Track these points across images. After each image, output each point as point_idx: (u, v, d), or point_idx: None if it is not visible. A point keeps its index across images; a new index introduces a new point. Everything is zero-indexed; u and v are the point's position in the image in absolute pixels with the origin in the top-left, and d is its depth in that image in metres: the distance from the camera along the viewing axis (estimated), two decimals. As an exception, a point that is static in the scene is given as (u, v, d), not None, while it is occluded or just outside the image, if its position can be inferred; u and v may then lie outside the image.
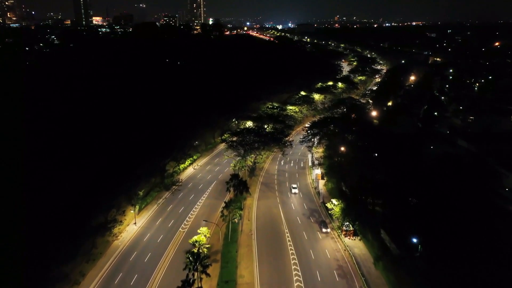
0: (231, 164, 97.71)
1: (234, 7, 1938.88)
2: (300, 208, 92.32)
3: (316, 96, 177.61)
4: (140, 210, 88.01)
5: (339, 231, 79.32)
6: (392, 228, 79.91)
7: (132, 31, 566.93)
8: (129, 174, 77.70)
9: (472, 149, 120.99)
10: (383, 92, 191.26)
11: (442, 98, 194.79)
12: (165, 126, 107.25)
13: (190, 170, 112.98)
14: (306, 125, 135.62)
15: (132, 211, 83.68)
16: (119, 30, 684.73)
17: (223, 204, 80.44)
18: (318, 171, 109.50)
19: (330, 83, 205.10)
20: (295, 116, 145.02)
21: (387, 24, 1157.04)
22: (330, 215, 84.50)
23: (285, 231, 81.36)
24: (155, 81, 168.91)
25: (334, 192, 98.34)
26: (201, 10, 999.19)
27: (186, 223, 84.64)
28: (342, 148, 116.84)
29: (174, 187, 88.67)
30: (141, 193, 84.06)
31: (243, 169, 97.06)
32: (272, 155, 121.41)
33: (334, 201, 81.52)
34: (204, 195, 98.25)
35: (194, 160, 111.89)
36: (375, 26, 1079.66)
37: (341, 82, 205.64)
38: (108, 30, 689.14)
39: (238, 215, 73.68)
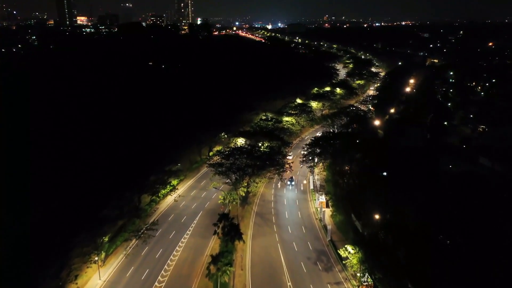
0: (220, 196, 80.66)
1: (222, 7, 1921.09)
2: (304, 249, 76.01)
3: (314, 104, 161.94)
4: (107, 255, 70.70)
5: (357, 286, 63.28)
6: (421, 279, 64.62)
7: (116, 32, 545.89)
8: (88, 220, 60.44)
9: (498, 168, 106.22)
10: (385, 99, 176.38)
11: (449, 104, 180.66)
12: (140, 147, 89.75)
13: (171, 198, 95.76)
14: (306, 143, 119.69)
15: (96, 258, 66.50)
16: (104, 30, 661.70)
17: (208, 253, 63.95)
18: (322, 198, 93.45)
19: (328, 88, 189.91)
20: (292, 129, 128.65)
21: (377, 24, 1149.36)
22: (343, 263, 68.28)
23: (288, 284, 65.09)
24: (133, 88, 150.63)
25: (343, 227, 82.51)
26: (189, 10, 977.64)
27: (165, 273, 67.65)
28: (347, 167, 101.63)
29: (146, 231, 70.27)
30: (106, 238, 66.78)
31: (234, 202, 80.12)
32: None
33: (349, 248, 65.33)
34: (188, 231, 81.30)
35: (174, 187, 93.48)
36: (365, 25, 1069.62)
37: (339, 88, 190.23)
38: (92, 30, 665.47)
39: (228, 272, 56.97)
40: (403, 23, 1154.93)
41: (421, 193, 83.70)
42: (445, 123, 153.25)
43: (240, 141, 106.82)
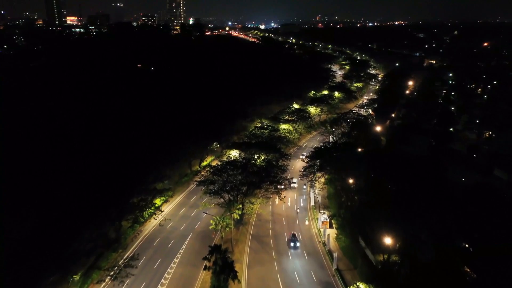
0: (211, 221, 70.97)
1: (215, 6, 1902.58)
2: (308, 281, 66.76)
3: (312, 110, 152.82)
4: (81, 293, 60.95)
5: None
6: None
7: (106, 32, 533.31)
8: (55, 257, 50.68)
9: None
10: (385, 103, 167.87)
11: (452, 108, 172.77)
12: (120, 161, 79.62)
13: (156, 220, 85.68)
14: (304, 152, 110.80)
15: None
16: (94, 30, 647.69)
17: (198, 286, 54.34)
18: (324, 217, 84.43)
19: (325, 92, 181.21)
20: (289, 137, 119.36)
21: (370, 24, 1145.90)
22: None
23: (291, 328, 55.98)
24: (118, 93, 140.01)
25: (351, 253, 73.55)
26: (181, 9, 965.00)
27: (147, 314, 58.35)
28: (351, 181, 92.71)
29: (124, 268, 59.87)
30: (76, 277, 56.98)
31: (227, 228, 70.38)
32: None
33: (361, 286, 56.21)
34: (175, 259, 71.71)
35: (159, 208, 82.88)
36: (358, 25, 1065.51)
37: (337, 91, 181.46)
38: (82, 30, 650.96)
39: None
40: (396, 23, 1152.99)
41: (435, 212, 75.39)
42: (451, 129, 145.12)
43: (234, 153, 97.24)
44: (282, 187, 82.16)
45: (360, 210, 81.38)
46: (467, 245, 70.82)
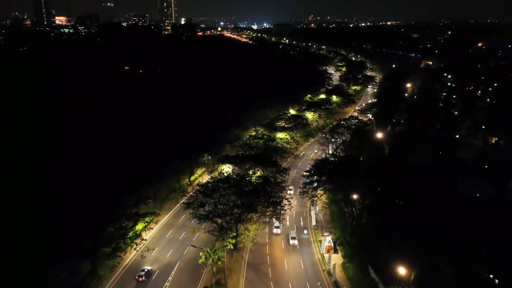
0: (201, 254, 61.51)
1: (207, 6, 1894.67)
2: (312, 321, 58.04)
3: (309, 116, 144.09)
4: None
5: None
6: None
7: (95, 32, 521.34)
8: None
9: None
10: (385, 107, 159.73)
11: (456, 113, 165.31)
12: (96, 181, 69.78)
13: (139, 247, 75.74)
14: (302, 162, 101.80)
15: None
16: (83, 31, 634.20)
17: None
18: (328, 240, 75.67)
19: (323, 96, 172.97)
20: (287, 148, 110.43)
21: (362, 24, 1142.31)
22: None
23: None
24: (101, 100, 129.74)
25: (360, 285, 64.81)
26: (172, 9, 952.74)
27: None
28: (355, 196, 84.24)
29: None
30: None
31: (219, 262, 60.92)
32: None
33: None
34: (159, 296, 62.70)
35: (139, 235, 72.58)
36: (351, 26, 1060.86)
37: (335, 95, 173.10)
38: (71, 30, 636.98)
39: None
40: (389, 23, 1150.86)
41: (452, 235, 67.25)
42: (457, 136, 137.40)
43: (226, 169, 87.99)
44: (281, 208, 72.82)
45: (367, 234, 72.87)
46: (491, 276, 62.55)
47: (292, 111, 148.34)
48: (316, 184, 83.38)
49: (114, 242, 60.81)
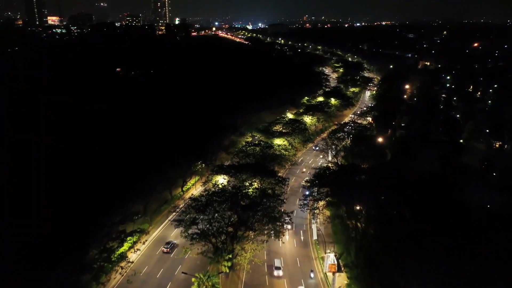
0: (193, 280, 55.47)
1: (201, 6, 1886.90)
2: None
3: (308, 120, 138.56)
4: None
5: None
6: None
7: (88, 33, 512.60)
8: None
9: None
10: (385, 111, 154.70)
11: (458, 116, 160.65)
12: (76, 196, 63.56)
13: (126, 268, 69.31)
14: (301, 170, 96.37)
15: None
16: (76, 31, 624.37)
17: None
18: (331, 257, 70.00)
19: (321, 98, 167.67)
20: (285, 155, 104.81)
21: (357, 24, 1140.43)
22: None
23: None
24: (89, 104, 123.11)
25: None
26: (166, 9, 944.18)
27: None
28: (358, 207, 79.04)
29: None
30: None
31: (214, 288, 55.16)
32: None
33: None
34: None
35: (125, 257, 65.98)
36: (346, 26, 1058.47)
37: (333, 98, 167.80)
38: (64, 31, 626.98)
39: None
40: (384, 23, 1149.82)
41: (468, 255, 62.08)
42: (461, 140, 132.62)
43: (221, 180, 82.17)
44: (281, 224, 67.01)
45: (374, 252, 67.47)
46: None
47: (290, 115, 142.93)
48: (317, 196, 77.87)
49: (96, 268, 54.67)
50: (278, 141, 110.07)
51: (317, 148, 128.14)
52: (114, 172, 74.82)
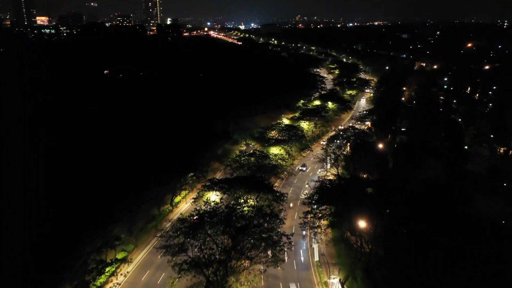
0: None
1: (193, 6, 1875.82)
2: None
3: (305, 126, 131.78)
4: None
5: None
6: None
7: (77, 33, 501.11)
8: None
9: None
10: (384, 115, 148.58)
11: (460, 120, 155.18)
12: (46, 221, 55.87)
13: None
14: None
15: None
16: (65, 31, 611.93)
17: None
18: (335, 283, 63.41)
19: (317, 102, 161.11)
20: (282, 165, 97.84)
21: (349, 24, 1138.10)
22: None
23: None
24: (71, 110, 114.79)
25: None
26: (157, 9, 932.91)
27: None
28: (363, 225, 72.44)
29: None
30: None
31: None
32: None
33: None
34: None
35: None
36: (338, 26, 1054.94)
37: (330, 101, 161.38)
38: (53, 31, 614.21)
39: None
40: (376, 23, 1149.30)
41: (483, 272, 56.50)
42: (465, 147, 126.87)
43: (213, 197, 75.02)
44: (281, 249, 59.84)
45: (384, 277, 60.84)
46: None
47: (286, 120, 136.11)
48: (319, 214, 71.13)
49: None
50: (274, 150, 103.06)
51: (304, 168, 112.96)
52: (95, 189, 67.18)
